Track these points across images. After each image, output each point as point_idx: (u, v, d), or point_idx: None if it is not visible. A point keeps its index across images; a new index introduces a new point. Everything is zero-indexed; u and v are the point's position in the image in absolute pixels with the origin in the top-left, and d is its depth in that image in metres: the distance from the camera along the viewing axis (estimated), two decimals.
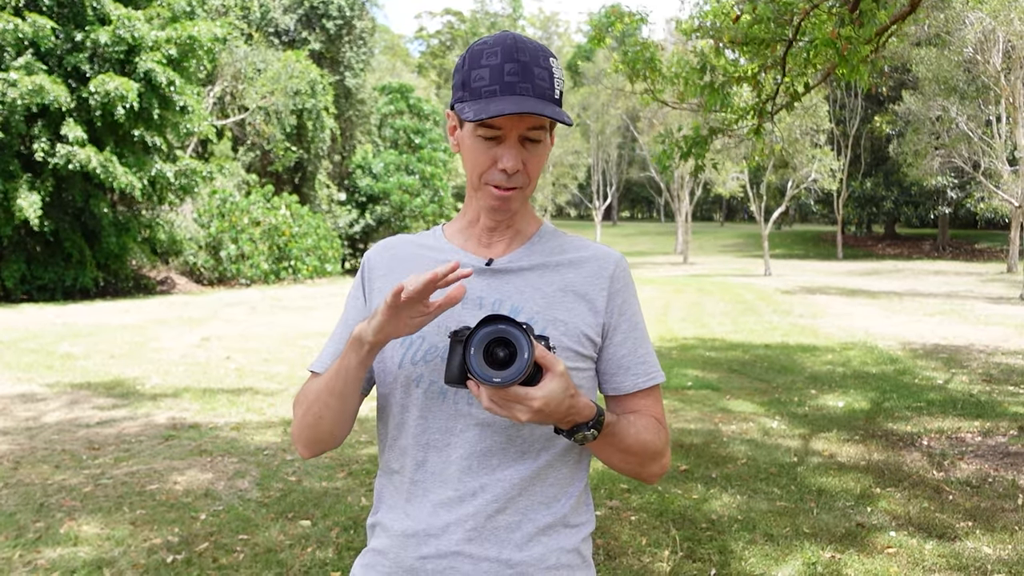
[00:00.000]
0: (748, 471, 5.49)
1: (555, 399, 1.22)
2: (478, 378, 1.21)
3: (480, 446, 1.39)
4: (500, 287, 1.44)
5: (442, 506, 1.39)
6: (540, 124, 1.37)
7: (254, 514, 4.65)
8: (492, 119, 1.34)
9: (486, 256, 1.48)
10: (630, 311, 1.50)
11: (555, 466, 1.42)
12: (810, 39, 6.80)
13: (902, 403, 7.61)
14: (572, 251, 1.51)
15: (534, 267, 1.47)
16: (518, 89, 1.33)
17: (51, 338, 12.30)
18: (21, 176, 18.17)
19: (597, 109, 43.70)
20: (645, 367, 1.50)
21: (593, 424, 1.31)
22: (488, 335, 1.22)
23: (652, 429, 1.45)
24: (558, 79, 1.39)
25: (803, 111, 24.31)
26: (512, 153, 1.36)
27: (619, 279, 1.50)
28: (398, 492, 1.45)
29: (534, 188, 1.45)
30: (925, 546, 4.16)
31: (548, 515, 1.41)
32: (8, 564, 3.92)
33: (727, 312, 15.99)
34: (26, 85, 17.10)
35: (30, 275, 19.48)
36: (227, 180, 26.93)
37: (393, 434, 1.46)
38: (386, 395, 1.47)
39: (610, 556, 4.05)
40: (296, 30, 34.87)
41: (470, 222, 1.51)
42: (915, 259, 35.88)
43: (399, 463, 1.45)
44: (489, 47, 1.37)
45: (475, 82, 1.35)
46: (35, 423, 6.92)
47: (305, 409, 1.45)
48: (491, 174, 1.39)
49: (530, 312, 1.41)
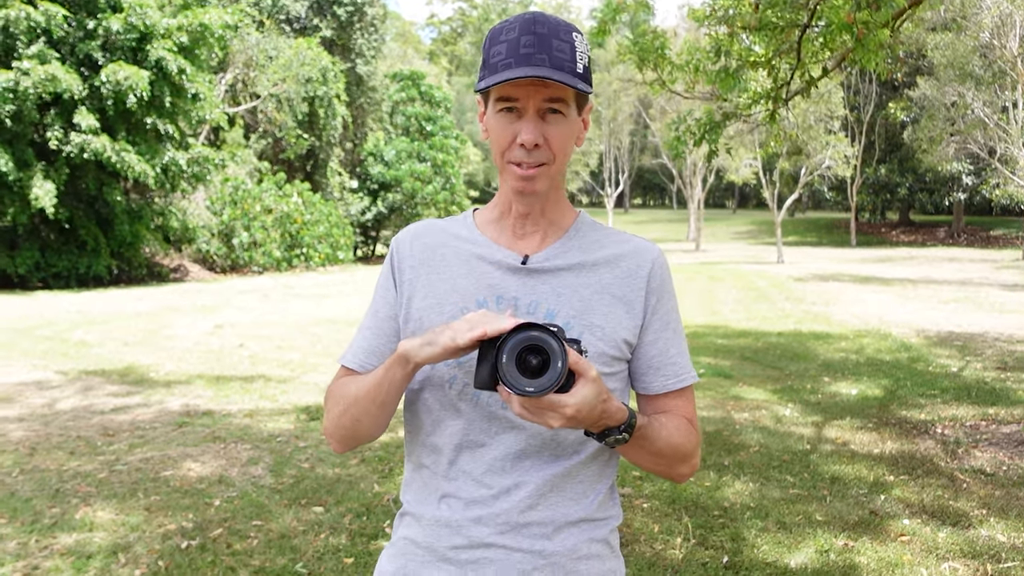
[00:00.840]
0: (761, 459, 5.48)
1: (587, 405, 1.21)
2: (510, 387, 1.19)
3: (514, 448, 1.38)
4: (536, 288, 1.41)
5: (475, 503, 1.39)
6: (560, 96, 1.33)
7: (267, 500, 4.67)
8: (508, 91, 1.32)
9: (521, 251, 1.44)
10: (664, 309, 1.47)
11: (587, 464, 1.42)
12: (826, 23, 6.72)
13: (916, 391, 7.57)
14: (611, 246, 1.47)
15: (571, 267, 1.43)
16: (534, 60, 1.30)
17: (65, 325, 12.38)
18: (35, 164, 18.25)
19: (609, 96, 43.51)
20: (675, 368, 1.47)
21: (625, 428, 1.30)
22: (520, 342, 1.19)
23: (683, 431, 1.43)
24: (582, 53, 1.35)
25: (817, 97, 24.12)
26: (530, 126, 1.33)
27: (656, 277, 1.46)
28: (428, 487, 1.45)
29: (562, 168, 1.40)
30: (939, 534, 4.14)
31: (578, 510, 1.41)
32: (24, 549, 3.96)
33: (739, 299, 15.94)
34: (39, 74, 17.16)
35: (44, 263, 19.61)
36: (239, 168, 26.97)
37: (427, 430, 1.45)
38: (418, 391, 1.45)
39: (623, 543, 4.05)
40: (307, 17, 34.80)
41: (502, 212, 1.47)
42: (929, 246, 35.65)
43: (431, 459, 1.44)
44: (509, 24, 1.35)
45: (493, 58, 1.33)
46: (50, 410, 6.97)
47: (342, 410, 1.43)
48: (512, 151, 1.35)
49: (566, 316, 1.39)
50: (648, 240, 1.51)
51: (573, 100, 1.36)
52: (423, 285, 1.45)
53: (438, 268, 1.45)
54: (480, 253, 1.45)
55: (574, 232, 1.47)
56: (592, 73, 1.44)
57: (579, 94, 1.36)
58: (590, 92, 1.36)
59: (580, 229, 1.48)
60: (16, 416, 6.71)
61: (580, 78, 1.33)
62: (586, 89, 1.33)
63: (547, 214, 1.45)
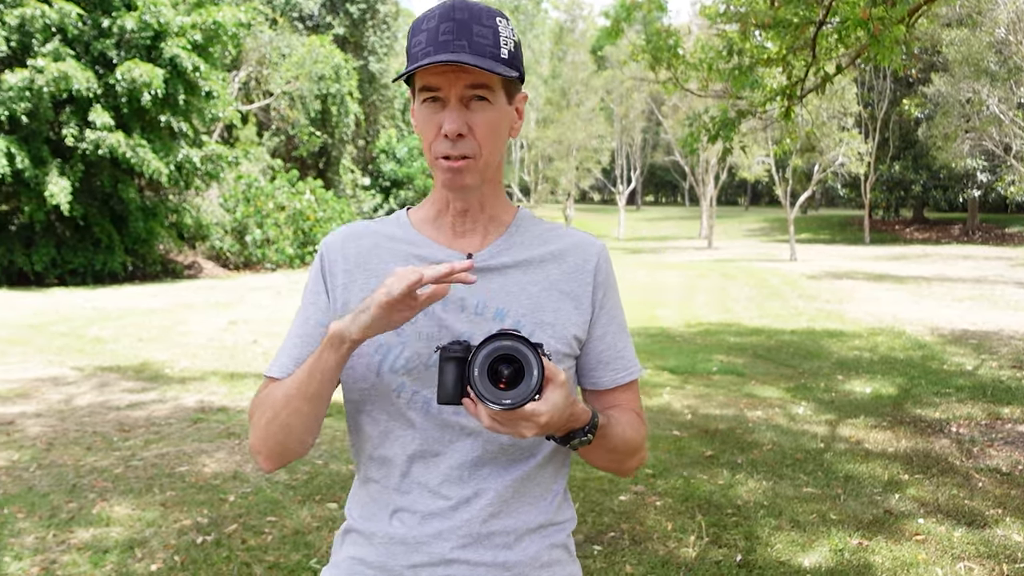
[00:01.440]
0: (774, 457, 5.47)
1: (559, 411, 1.17)
2: (487, 402, 1.13)
3: (471, 456, 1.33)
4: (483, 287, 1.35)
5: (433, 516, 1.33)
6: (484, 82, 1.26)
7: (282, 496, 4.70)
8: (429, 80, 1.26)
9: (462, 249, 1.38)
10: (610, 303, 1.44)
11: (543, 466, 1.39)
12: (841, 20, 6.69)
13: (931, 389, 7.54)
14: (554, 241, 1.43)
15: (518, 264, 1.38)
16: (452, 47, 1.24)
17: (81, 322, 12.47)
18: (51, 162, 18.37)
19: (621, 93, 43.42)
20: (623, 362, 1.45)
21: (589, 429, 1.27)
22: (493, 352, 1.15)
23: (634, 425, 1.41)
24: (506, 38, 1.29)
25: (831, 94, 24.00)
26: (452, 115, 1.26)
27: (602, 271, 1.43)
28: (377, 502, 1.38)
29: (493, 161, 1.33)
30: (954, 533, 4.12)
31: (538, 515, 1.38)
32: (42, 543, 4.00)
33: (752, 297, 15.89)
34: (52, 72, 17.26)
35: (60, 259, 19.74)
36: (252, 165, 27.07)
37: (374, 443, 1.37)
38: (359, 403, 1.38)
39: (635, 541, 4.05)
40: (320, 15, 34.89)
41: (439, 210, 1.40)
42: (944, 243, 35.42)
43: (380, 472, 1.37)
44: (429, 13, 1.29)
45: (413, 48, 1.28)
46: (66, 405, 7.02)
47: (271, 417, 1.32)
48: (438, 144, 1.29)
49: (516, 315, 1.35)
50: (589, 233, 1.48)
51: (500, 87, 1.30)
52: (359, 289, 1.37)
53: (376, 271, 1.38)
54: (420, 253, 1.38)
55: (515, 228, 1.42)
56: (603, 71, 1.39)
57: (508, 82, 1.31)
58: (513, 77, 1.29)
59: (521, 225, 1.43)
60: (33, 411, 6.77)
61: (504, 63, 1.27)
62: (507, 74, 1.26)
63: (486, 210, 1.40)
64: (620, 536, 4.11)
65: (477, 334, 1.30)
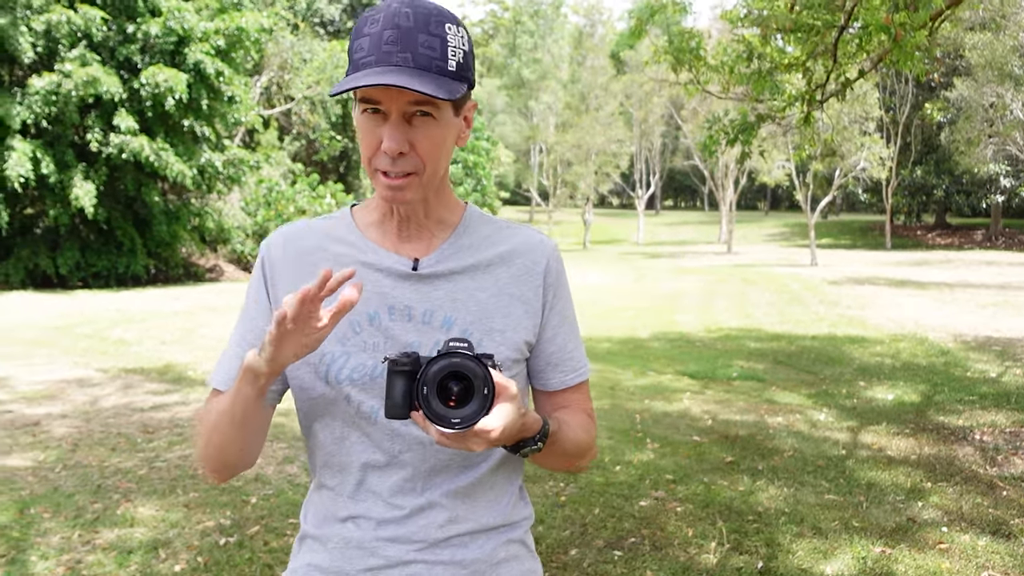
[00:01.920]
0: (795, 463, 5.44)
1: (510, 424, 1.14)
2: (437, 421, 1.11)
3: (424, 466, 1.31)
4: (429, 295, 1.31)
5: (387, 523, 1.32)
6: (428, 99, 1.18)
7: (303, 498, 4.72)
8: (369, 92, 1.19)
9: (408, 254, 1.33)
10: (560, 304, 1.41)
11: (496, 471, 1.37)
12: (862, 25, 6.66)
13: (954, 396, 7.47)
14: (502, 242, 1.38)
15: (465, 269, 1.34)
16: (395, 59, 1.17)
17: (105, 324, 12.60)
18: (76, 166, 18.59)
19: (640, 97, 43.35)
20: (573, 363, 1.42)
21: (540, 438, 1.25)
22: (442, 370, 1.12)
23: (585, 426, 1.40)
24: (455, 48, 1.21)
25: (852, 98, 23.85)
26: (392, 133, 1.19)
27: (552, 271, 1.39)
28: (330, 509, 1.36)
29: (436, 175, 1.27)
30: (978, 542, 4.09)
31: (494, 516, 1.37)
32: (68, 543, 4.05)
33: (772, 302, 15.81)
34: (81, 76, 17.48)
35: (84, 262, 19.96)
36: (273, 169, 27.25)
37: (329, 450, 1.34)
38: (309, 413, 1.35)
39: (656, 547, 4.05)
40: (341, 20, 35.09)
41: (384, 215, 1.35)
42: (967, 249, 35.07)
43: (335, 480, 1.35)
44: (375, 13, 1.20)
45: (356, 53, 1.20)
46: (91, 407, 7.10)
47: (207, 439, 1.30)
48: (378, 158, 1.22)
49: (464, 323, 1.31)
50: (539, 231, 1.44)
51: (447, 101, 1.21)
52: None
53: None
54: (366, 260, 1.33)
55: (463, 229, 1.37)
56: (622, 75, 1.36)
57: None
58: (457, 97, 1.20)
59: (469, 225, 1.38)
60: (59, 413, 6.86)
61: (451, 76, 1.20)
62: (451, 95, 1.17)
63: (432, 214, 1.35)
64: (640, 542, 4.11)
65: (425, 344, 1.29)
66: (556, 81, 48.30)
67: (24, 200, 19.82)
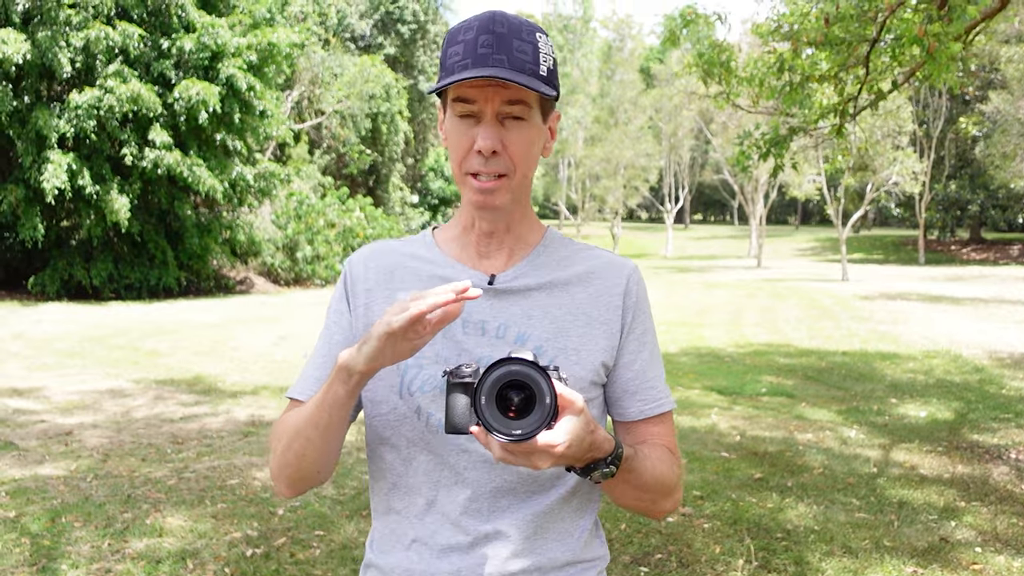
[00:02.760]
0: (825, 481, 5.37)
1: (577, 440, 1.08)
2: (495, 432, 1.05)
3: (489, 486, 1.28)
4: (505, 310, 1.30)
5: (451, 550, 1.28)
6: (520, 99, 1.22)
7: (329, 511, 4.74)
8: (465, 92, 1.21)
9: (486, 270, 1.33)
10: (640, 329, 1.35)
11: (568, 500, 1.31)
12: (895, 37, 6.60)
13: (988, 414, 7.34)
14: (581, 263, 1.36)
15: (541, 286, 1.32)
16: (491, 60, 1.19)
17: (137, 335, 12.77)
18: (112, 179, 18.92)
19: (669, 111, 43.29)
20: (654, 392, 1.36)
21: (612, 460, 1.17)
22: (500, 379, 1.06)
23: (667, 461, 1.32)
24: (545, 54, 1.24)
25: (885, 112, 23.64)
26: (487, 131, 1.21)
27: (632, 294, 1.35)
28: (395, 533, 1.34)
29: (525, 179, 1.28)
30: (1013, 563, 4.00)
31: (565, 552, 1.31)
32: (98, 552, 4.09)
33: (802, 318, 15.65)
34: (123, 92, 17.81)
35: (117, 274, 20.26)
36: (304, 183, 27.56)
37: (397, 471, 1.33)
38: (380, 428, 1.33)
39: (683, 564, 4.01)
40: (371, 35, 35.45)
41: (464, 228, 1.36)
42: (1002, 264, 34.51)
43: (403, 502, 1.33)
44: (467, 24, 1.24)
45: (449, 59, 1.23)
46: (123, 417, 7.19)
47: (286, 445, 1.28)
48: (470, 160, 1.24)
49: (538, 340, 1.28)
50: (621, 255, 1.41)
51: (536, 104, 1.25)
52: (380, 310, 1.33)
53: (396, 291, 1.34)
54: (442, 274, 1.33)
55: (542, 248, 1.36)
56: (651, 88, 1.36)
57: (544, 100, 1.27)
58: (552, 96, 1.24)
59: (549, 245, 1.37)
60: (91, 423, 6.95)
61: (543, 81, 1.23)
62: (548, 93, 1.22)
63: (513, 230, 1.34)
64: (667, 558, 4.07)
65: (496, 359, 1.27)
66: (585, 95, 48.34)
67: (60, 213, 20.19)
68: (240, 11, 21.05)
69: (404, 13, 34.76)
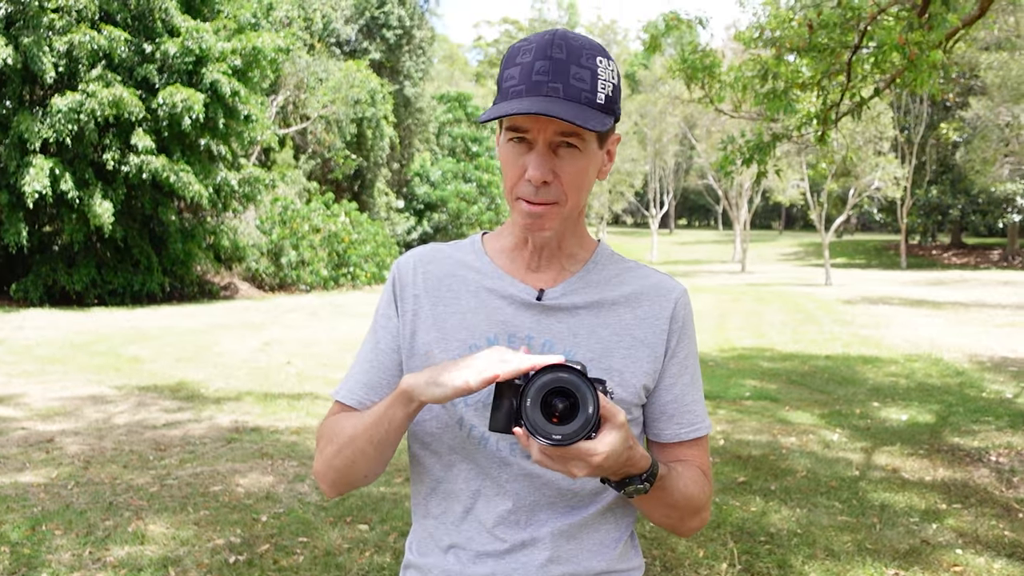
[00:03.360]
0: (808, 484, 5.40)
1: (615, 453, 1.10)
2: (536, 435, 1.08)
3: (528, 499, 1.29)
4: (551, 327, 1.31)
5: (486, 556, 1.30)
6: (573, 130, 1.19)
7: (314, 517, 4.73)
8: (518, 121, 1.19)
9: (535, 284, 1.33)
10: (683, 353, 1.36)
11: (604, 515, 1.34)
12: (877, 44, 6.67)
13: (969, 417, 7.40)
14: (631, 282, 1.36)
15: (589, 305, 1.33)
16: (545, 89, 1.17)
17: (120, 341, 12.68)
18: (95, 184, 18.79)
19: (654, 116, 43.45)
20: (691, 416, 1.37)
21: (647, 477, 1.20)
22: (547, 384, 1.09)
23: (699, 482, 1.34)
24: (604, 81, 1.21)
25: (867, 118, 23.83)
26: (538, 161, 1.20)
27: (679, 318, 1.36)
28: (433, 537, 1.36)
29: (577, 206, 1.28)
30: (994, 565, 4.04)
31: (599, 562, 1.32)
32: (79, 560, 4.06)
33: (786, 322, 15.74)
34: (105, 97, 17.70)
35: (100, 280, 20.11)
36: (288, 188, 27.44)
37: (438, 476, 1.35)
38: (422, 435, 1.36)
39: (666, 568, 4.02)
40: (357, 40, 35.40)
41: (516, 243, 1.36)
42: (983, 269, 34.83)
43: (441, 507, 1.35)
44: (527, 44, 1.22)
45: (506, 82, 1.21)
46: (105, 424, 7.14)
47: (336, 450, 1.31)
48: (520, 186, 1.23)
49: (582, 359, 1.30)
50: (671, 276, 1.41)
51: (592, 133, 1.23)
52: (428, 317, 1.34)
53: (445, 299, 1.35)
54: (491, 286, 1.34)
55: (592, 266, 1.36)
56: (636, 94, 1.36)
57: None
58: (606, 130, 1.20)
59: (599, 262, 1.37)
60: (72, 429, 6.89)
61: (600, 110, 1.20)
62: (599, 127, 1.17)
63: (564, 247, 1.35)
64: (651, 563, 4.08)
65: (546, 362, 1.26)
66: None
67: (43, 218, 20.03)
68: (225, 16, 20.97)
69: (390, 18, 34.72)
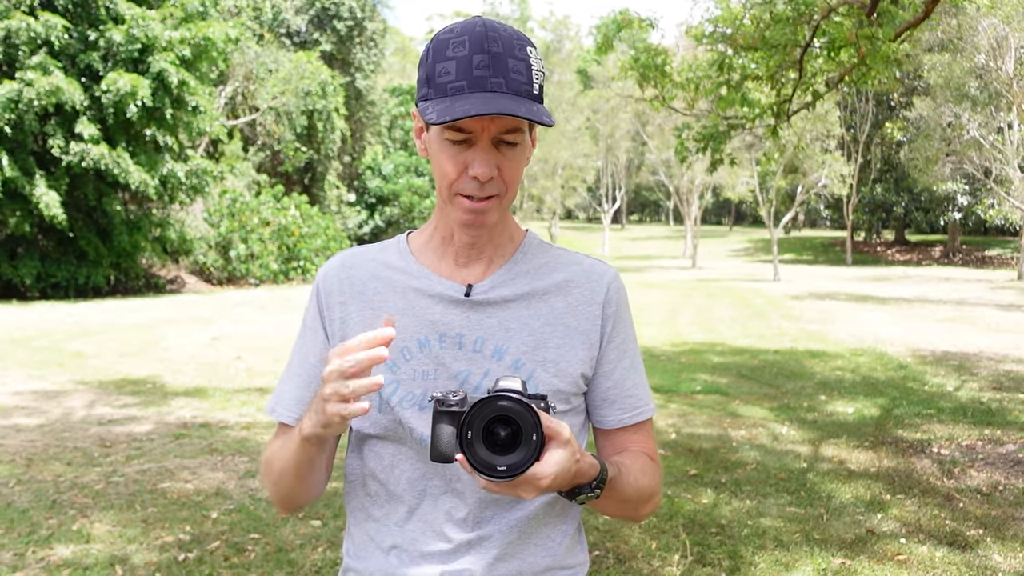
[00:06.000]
0: (758, 476, 5.49)
1: (563, 471, 1.08)
2: (481, 470, 1.05)
3: (474, 498, 1.27)
4: (481, 323, 1.27)
5: (431, 556, 1.27)
6: (516, 125, 1.18)
7: (265, 513, 4.67)
8: (460, 121, 1.15)
9: (463, 280, 1.30)
10: (620, 337, 1.34)
11: (551, 505, 1.31)
12: (828, 40, 6.79)
13: (912, 410, 7.59)
14: (561, 269, 1.33)
15: (520, 297, 1.29)
16: (489, 85, 1.14)
17: (63, 336, 12.36)
18: (36, 173, 18.29)
19: (607, 112, 43.70)
20: (633, 400, 1.35)
21: (597, 484, 1.18)
22: (487, 415, 1.06)
23: (648, 471, 1.32)
24: (537, 71, 1.20)
25: (814, 116, 24.28)
26: (484, 158, 1.18)
27: (612, 303, 1.33)
28: (374, 540, 1.32)
29: (513, 197, 1.26)
30: (936, 553, 4.15)
31: (545, 557, 1.30)
32: (21, 560, 3.95)
33: (736, 317, 15.97)
34: (43, 85, 17.21)
35: (44, 273, 19.60)
36: (237, 180, 27.04)
37: (380, 478, 1.31)
38: (364, 439, 1.33)
39: (620, 560, 4.05)
40: (307, 31, 34.97)
41: (444, 239, 1.32)
42: (925, 265, 35.75)
43: (383, 510, 1.31)
44: (456, 36, 1.17)
45: (440, 77, 1.17)
46: (47, 420, 6.95)
47: (273, 484, 1.32)
48: (462, 183, 1.20)
49: (516, 353, 1.26)
50: (601, 261, 1.38)
51: (527, 124, 1.22)
52: (356, 324, 1.30)
53: (372, 303, 1.31)
54: (418, 285, 1.30)
55: (520, 256, 1.33)
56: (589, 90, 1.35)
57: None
58: (551, 125, 1.18)
59: (527, 252, 1.34)
60: (12, 426, 6.70)
61: (537, 100, 1.20)
62: (549, 122, 1.16)
63: (493, 239, 1.31)
64: (604, 555, 4.11)
65: (475, 372, 1.25)
66: None
67: None
68: (172, 4, 20.55)
69: (341, 9, 34.35)
